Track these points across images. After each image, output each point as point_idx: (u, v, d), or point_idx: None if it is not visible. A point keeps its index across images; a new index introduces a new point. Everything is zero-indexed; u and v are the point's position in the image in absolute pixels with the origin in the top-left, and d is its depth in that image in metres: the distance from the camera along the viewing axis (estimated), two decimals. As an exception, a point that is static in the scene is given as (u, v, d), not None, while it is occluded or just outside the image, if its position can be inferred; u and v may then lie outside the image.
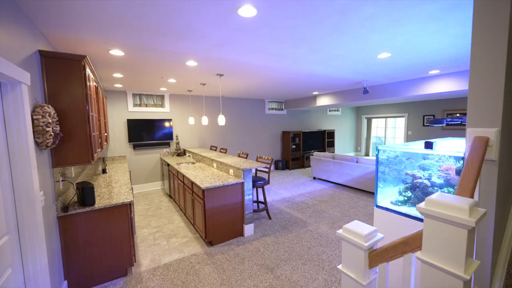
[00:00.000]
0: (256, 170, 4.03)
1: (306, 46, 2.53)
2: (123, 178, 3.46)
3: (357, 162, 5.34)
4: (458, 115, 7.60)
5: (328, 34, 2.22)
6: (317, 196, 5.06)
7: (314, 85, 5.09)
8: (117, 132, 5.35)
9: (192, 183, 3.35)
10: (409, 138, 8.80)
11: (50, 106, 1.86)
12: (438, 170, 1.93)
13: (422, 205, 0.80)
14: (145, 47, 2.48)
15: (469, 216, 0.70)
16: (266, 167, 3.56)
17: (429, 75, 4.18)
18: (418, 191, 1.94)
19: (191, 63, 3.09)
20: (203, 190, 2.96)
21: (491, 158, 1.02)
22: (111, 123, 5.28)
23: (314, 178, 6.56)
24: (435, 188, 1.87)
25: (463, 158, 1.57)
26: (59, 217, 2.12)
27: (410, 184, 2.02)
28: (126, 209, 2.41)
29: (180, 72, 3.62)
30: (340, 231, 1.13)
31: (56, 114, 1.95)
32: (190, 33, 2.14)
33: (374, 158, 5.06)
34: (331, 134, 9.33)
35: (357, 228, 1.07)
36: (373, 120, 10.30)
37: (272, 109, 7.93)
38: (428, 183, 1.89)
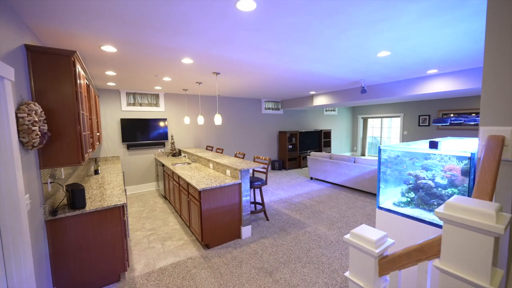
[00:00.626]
0: (254, 170, 3.95)
1: (306, 43, 2.47)
2: (116, 179, 3.35)
3: (354, 162, 5.31)
4: (452, 115, 7.67)
5: (329, 32, 2.16)
6: (315, 196, 5.01)
7: (312, 85, 5.04)
8: (110, 132, 5.21)
9: (188, 184, 3.25)
10: (405, 138, 8.84)
11: (37, 104, 1.75)
12: (442, 171, 1.89)
13: (441, 209, 0.74)
14: (139, 43, 2.38)
15: (496, 222, 0.64)
16: (263, 168, 3.49)
17: (427, 74, 4.17)
18: (421, 192, 1.89)
19: (187, 60, 3.00)
20: (200, 192, 2.87)
21: (507, 158, 0.97)
22: (104, 122, 5.14)
23: (311, 178, 6.51)
24: (439, 189, 1.83)
25: (469, 158, 1.53)
26: (47, 221, 2.00)
27: (413, 185, 1.97)
28: (118, 211, 2.30)
29: (176, 70, 3.52)
30: (347, 236, 1.06)
31: (43, 112, 1.84)
32: (187, 29, 2.05)
33: (372, 158, 5.06)
34: (327, 134, 9.31)
35: (366, 233, 1.00)
36: (369, 120, 10.34)
37: (269, 108, 7.86)
38: (432, 184, 1.84)
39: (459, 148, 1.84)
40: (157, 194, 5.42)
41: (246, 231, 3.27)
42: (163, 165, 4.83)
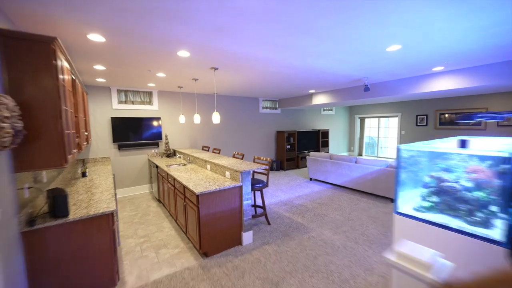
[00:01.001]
0: (253, 172, 3.74)
1: (313, 35, 2.28)
2: (106, 182, 3.08)
3: (356, 162, 5.16)
4: (446, 115, 7.64)
5: (339, 22, 1.97)
6: (316, 198, 4.83)
7: (313, 82, 4.86)
8: (100, 131, 4.91)
9: (184, 187, 3.01)
10: (402, 138, 8.78)
11: (8, 97, 1.49)
12: (466, 172, 1.72)
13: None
14: (129, 31, 2.14)
15: None
16: (265, 169, 3.28)
17: (432, 72, 4.04)
18: (446, 196, 1.72)
19: (183, 53, 2.77)
20: (198, 196, 2.64)
21: None
22: (93, 121, 4.83)
23: (311, 179, 6.34)
24: (466, 193, 1.65)
25: (509, 159, 1.36)
26: (23, 233, 1.74)
27: (435, 188, 1.80)
28: (107, 219, 2.05)
29: (171, 64, 3.27)
30: (391, 256, 0.87)
31: (18, 107, 1.59)
32: (184, 14, 1.83)
33: (370, 158, 4.89)
34: (325, 134, 9.18)
35: (415, 253, 0.81)
36: (366, 120, 10.26)
37: (266, 108, 7.67)
38: (459, 187, 1.67)
39: (489, 147, 1.68)
40: (151, 197, 5.14)
41: (247, 237, 3.05)
42: (157, 167, 4.56)
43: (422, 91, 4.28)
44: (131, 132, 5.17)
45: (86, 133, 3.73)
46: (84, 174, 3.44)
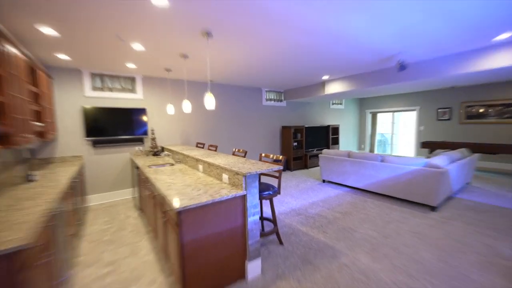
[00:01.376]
0: (260, 174, 2.82)
1: None
2: (54, 190, 2.17)
3: (382, 161, 4.25)
4: (467, 108, 6.77)
5: None
6: (335, 205, 3.92)
7: (330, 63, 3.95)
8: (70, 124, 3.99)
9: (163, 197, 2.10)
10: (421, 134, 7.88)
11: None
12: None
13: None
14: None
15: None
16: (277, 170, 2.37)
17: (491, 43, 3.12)
18: None
19: (159, -1, 1.85)
20: (178, 212, 1.73)
21: None
22: (60, 111, 3.91)
23: (324, 181, 5.43)
24: None
25: None
26: None
27: None
28: (7, 264, 1.14)
29: (145, 24, 2.36)
30: None
31: None
32: None
33: (398, 156, 3.97)
34: (335, 130, 8.26)
35: None
36: (378, 115, 9.35)
37: (270, 99, 6.75)
38: None
39: None
40: (132, 205, 4.22)
41: (254, 267, 2.14)
42: (138, 167, 3.65)
43: (476, 70, 3.33)
44: (109, 126, 4.25)
45: (40, 124, 2.81)
46: (29, 178, 2.52)
